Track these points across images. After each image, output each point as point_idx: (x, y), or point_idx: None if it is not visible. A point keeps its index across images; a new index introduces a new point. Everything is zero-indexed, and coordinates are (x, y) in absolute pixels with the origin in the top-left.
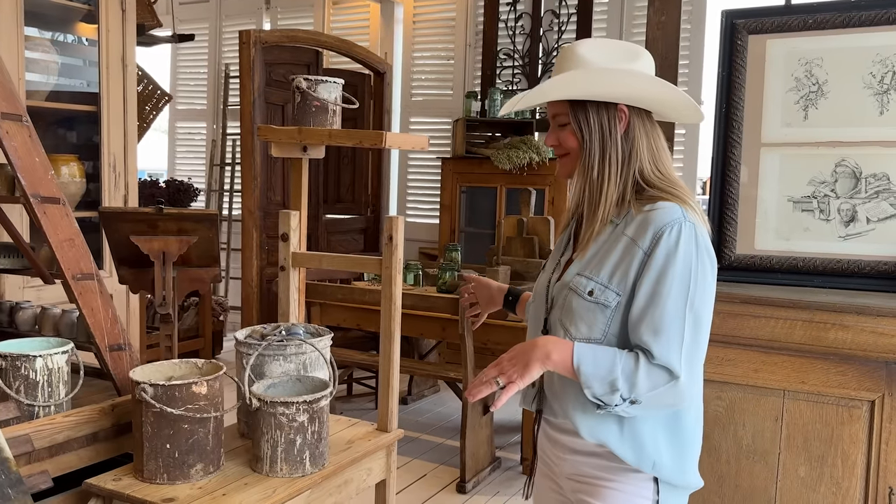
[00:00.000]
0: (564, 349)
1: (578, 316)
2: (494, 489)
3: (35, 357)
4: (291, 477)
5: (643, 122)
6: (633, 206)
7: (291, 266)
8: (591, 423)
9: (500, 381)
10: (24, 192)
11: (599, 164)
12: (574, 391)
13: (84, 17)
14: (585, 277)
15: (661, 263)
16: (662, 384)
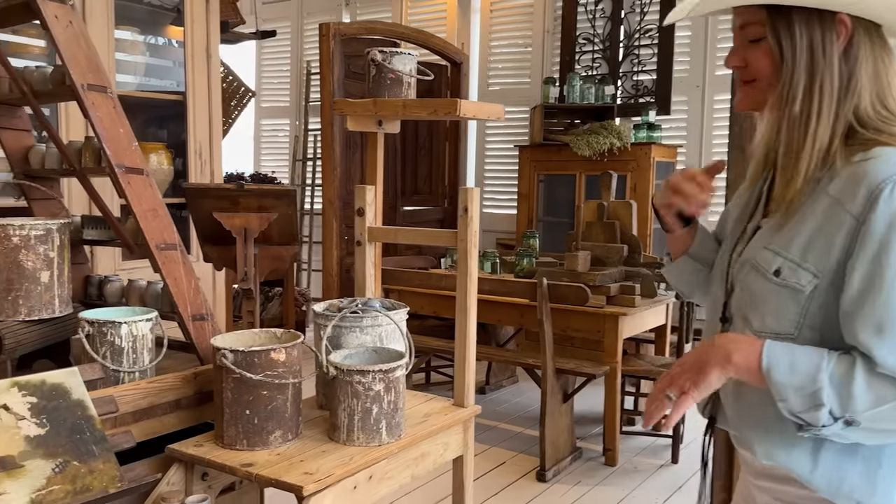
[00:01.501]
0: (750, 349)
1: (761, 303)
2: (575, 479)
3: (120, 324)
4: (368, 446)
5: (870, 40)
6: (840, 154)
7: (367, 241)
8: (770, 441)
9: (671, 394)
10: (109, 162)
11: (805, 94)
12: (751, 398)
13: (173, 21)
14: (772, 252)
15: (882, 234)
16: (890, 400)
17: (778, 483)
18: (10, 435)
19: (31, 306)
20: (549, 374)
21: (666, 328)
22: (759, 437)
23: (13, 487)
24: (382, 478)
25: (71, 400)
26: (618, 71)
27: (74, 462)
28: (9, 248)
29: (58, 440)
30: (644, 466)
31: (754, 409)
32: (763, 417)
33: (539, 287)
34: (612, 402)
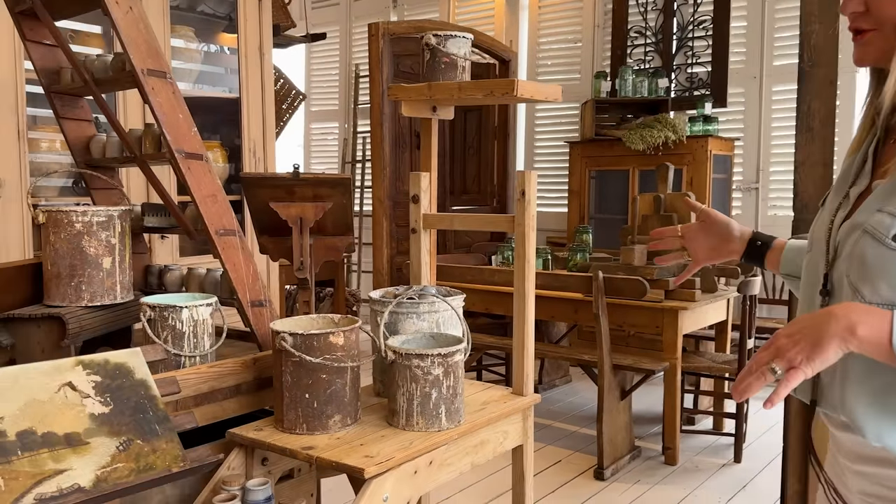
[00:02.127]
0: (879, 322)
1: (876, 271)
2: (634, 477)
3: (181, 308)
4: (428, 431)
5: None
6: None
7: (423, 228)
8: (881, 422)
9: (777, 368)
10: (169, 147)
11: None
12: (860, 376)
13: (225, 28)
14: (890, 214)
15: None
16: None
17: (882, 467)
18: (76, 412)
19: (94, 292)
20: (606, 370)
21: (727, 324)
22: (870, 418)
23: (79, 464)
24: (442, 464)
25: (134, 379)
26: (671, 64)
27: (138, 441)
28: (72, 234)
29: (121, 419)
30: (705, 466)
31: (864, 389)
32: (875, 397)
33: (595, 280)
34: (672, 399)
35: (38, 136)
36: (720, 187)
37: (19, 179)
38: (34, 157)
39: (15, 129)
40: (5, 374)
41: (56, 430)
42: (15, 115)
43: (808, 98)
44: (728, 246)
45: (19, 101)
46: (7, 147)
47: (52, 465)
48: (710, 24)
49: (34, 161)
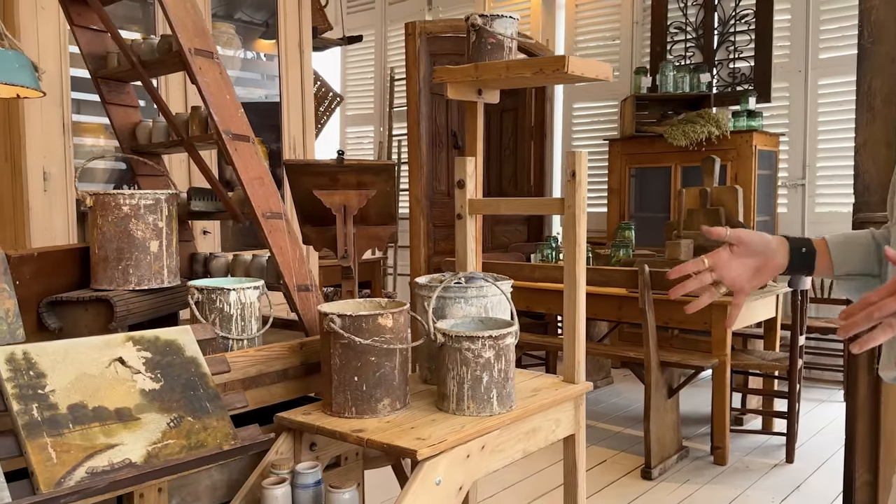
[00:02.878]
0: None
1: None
2: (683, 477)
3: (229, 290)
4: (479, 416)
5: None
6: None
7: (468, 214)
8: None
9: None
10: (217, 128)
11: None
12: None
13: (262, 35)
14: None
15: None
16: None
17: None
18: (126, 388)
19: (141, 276)
20: (654, 366)
21: (776, 321)
22: None
23: (130, 439)
24: (494, 450)
25: (184, 357)
26: (713, 59)
27: (189, 418)
28: (119, 217)
29: (172, 395)
30: (756, 466)
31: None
32: None
33: (640, 274)
34: (722, 396)
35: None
36: (765, 184)
37: (64, 172)
38: (79, 151)
39: (60, 122)
40: (56, 347)
41: (107, 405)
42: (60, 109)
43: (869, 76)
44: (772, 262)
45: (64, 96)
46: (52, 140)
47: (103, 439)
48: (752, 18)
49: (79, 154)
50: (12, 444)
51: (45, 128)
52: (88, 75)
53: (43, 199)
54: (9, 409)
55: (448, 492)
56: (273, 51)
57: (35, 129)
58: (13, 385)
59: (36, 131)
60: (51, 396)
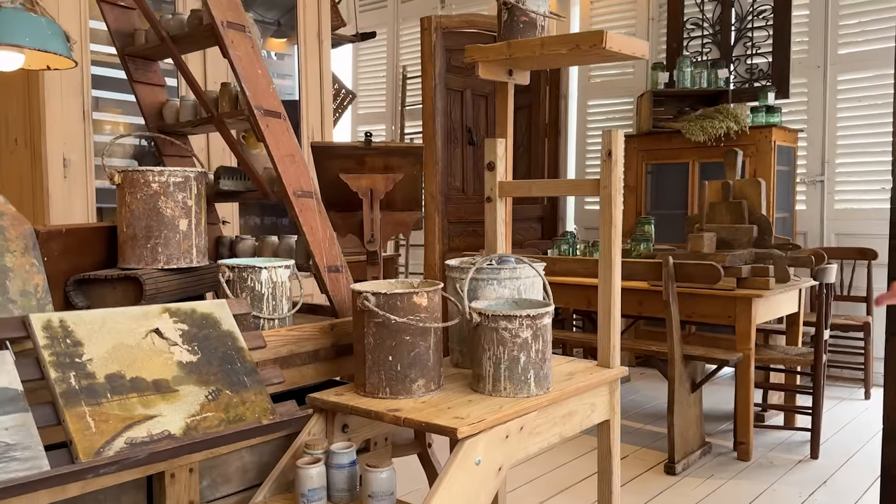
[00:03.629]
0: None
1: None
2: (707, 472)
3: (261, 269)
4: (516, 397)
5: None
6: None
7: (498, 196)
8: None
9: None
10: (248, 103)
11: None
12: None
13: (274, 34)
14: None
15: None
16: None
17: None
18: (163, 360)
19: (170, 254)
20: (677, 360)
21: (799, 316)
22: None
23: (168, 410)
24: (532, 432)
25: (221, 330)
26: (730, 55)
27: (227, 391)
28: (148, 194)
29: (209, 368)
30: (781, 462)
31: None
32: None
33: (665, 266)
34: (746, 391)
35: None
36: (784, 179)
37: (84, 159)
38: (98, 144)
39: (80, 110)
40: (92, 316)
41: (144, 376)
42: (80, 97)
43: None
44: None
45: (85, 84)
46: (73, 128)
47: (141, 410)
48: (770, 14)
49: (98, 145)
50: (50, 413)
51: (66, 114)
52: (106, 72)
53: (63, 186)
54: (46, 376)
55: (487, 472)
56: (285, 49)
57: (55, 115)
58: (50, 353)
59: (56, 117)
60: (88, 365)
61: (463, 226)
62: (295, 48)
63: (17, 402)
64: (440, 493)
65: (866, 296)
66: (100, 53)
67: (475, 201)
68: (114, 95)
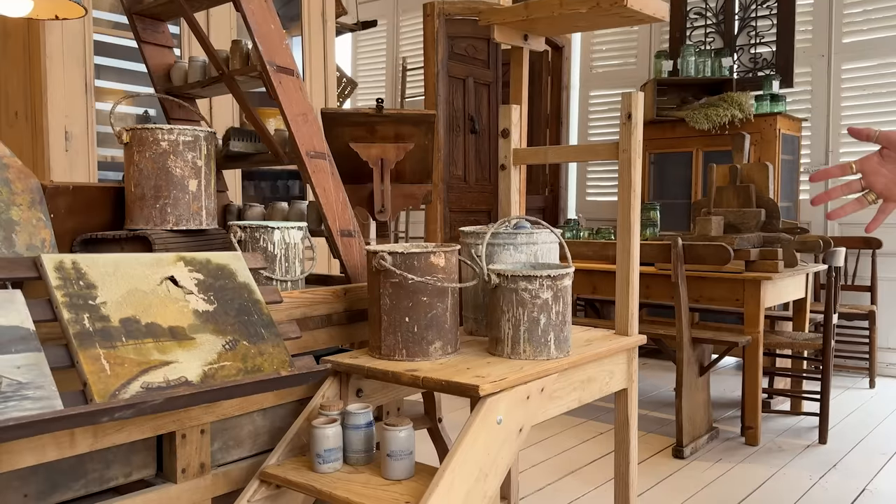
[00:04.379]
0: None
1: None
2: (715, 456)
3: (273, 229)
4: (536, 360)
5: None
6: None
7: (513, 164)
8: None
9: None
10: (261, 58)
11: None
12: None
13: None
14: None
15: None
16: None
17: None
18: (179, 307)
19: (179, 215)
20: (686, 343)
21: (806, 302)
22: None
23: (185, 357)
24: (552, 395)
25: (237, 282)
26: (734, 44)
27: (244, 342)
28: (157, 153)
29: (226, 319)
30: (789, 447)
31: None
32: None
33: (674, 248)
34: (754, 374)
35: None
36: (788, 169)
37: (86, 132)
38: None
39: (83, 81)
40: (106, 260)
41: (160, 322)
42: (83, 68)
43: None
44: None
45: (87, 54)
46: (75, 100)
47: (157, 355)
48: (773, 3)
49: (100, 118)
50: (63, 354)
51: (68, 87)
52: (109, 38)
53: (64, 159)
54: (59, 317)
55: (508, 431)
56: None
57: (57, 88)
58: (63, 293)
59: (58, 91)
60: (102, 308)
61: (465, 215)
62: (297, 39)
63: (28, 341)
64: (462, 449)
65: (871, 285)
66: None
67: (477, 191)
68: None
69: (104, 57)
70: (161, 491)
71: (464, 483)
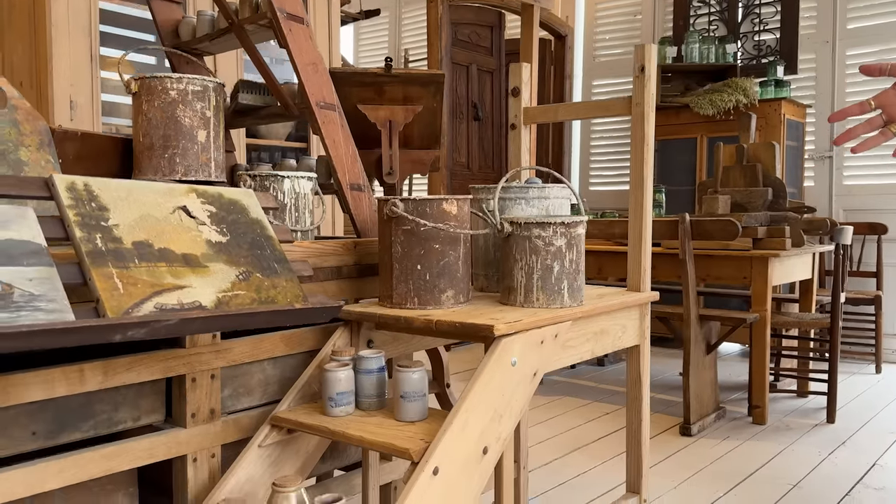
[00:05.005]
0: None
1: None
2: (723, 434)
3: (283, 178)
4: (549, 307)
5: None
6: None
7: (523, 123)
8: None
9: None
10: (271, 5)
11: None
12: None
13: None
14: None
15: None
16: None
17: None
18: (192, 236)
19: (188, 166)
20: (693, 320)
21: (812, 283)
22: None
23: (199, 283)
24: (565, 344)
25: (249, 217)
26: (737, 32)
27: (257, 274)
28: (166, 102)
29: (239, 251)
30: (797, 426)
31: None
32: None
33: (681, 223)
34: (762, 352)
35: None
36: (792, 155)
37: (91, 102)
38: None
39: (88, 51)
40: (118, 184)
41: (173, 249)
42: (88, 38)
43: None
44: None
45: (93, 23)
46: (80, 70)
47: (170, 279)
48: None
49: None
50: (76, 272)
51: (73, 57)
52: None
53: None
54: (71, 236)
55: (523, 374)
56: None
57: (62, 58)
58: (75, 213)
59: (63, 60)
60: (114, 230)
61: None
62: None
63: (41, 255)
64: (477, 388)
65: (876, 271)
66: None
67: (480, 178)
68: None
69: (109, 26)
70: (170, 434)
71: (478, 422)
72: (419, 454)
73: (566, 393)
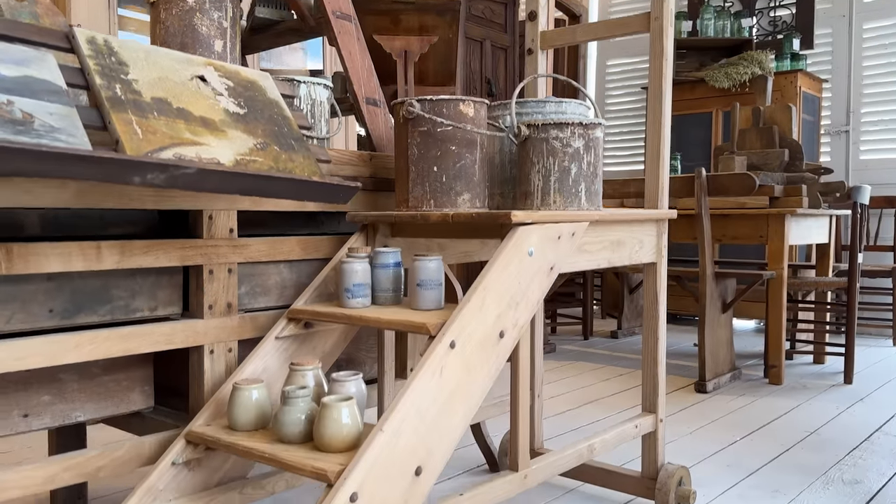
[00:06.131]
0: None
1: None
2: (738, 391)
3: (299, 83)
4: (566, 210)
5: None
6: None
7: (540, 48)
8: None
9: None
10: None
11: None
12: None
13: None
14: None
15: None
16: None
17: None
18: (209, 103)
19: None
20: (708, 276)
21: (829, 248)
22: None
23: (217, 144)
24: (581, 247)
25: (266, 97)
26: (753, 7)
27: (275, 146)
28: (183, 10)
29: (257, 124)
30: (813, 386)
31: None
32: None
33: (697, 178)
34: (778, 311)
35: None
36: (808, 129)
37: None
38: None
39: (106, 16)
40: (137, 45)
41: (191, 110)
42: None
43: None
44: None
45: None
46: (97, 7)
47: (189, 135)
48: None
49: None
50: (95, 115)
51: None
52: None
53: None
54: (91, 84)
55: (539, 266)
56: None
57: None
58: (95, 63)
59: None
60: (134, 84)
61: None
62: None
63: (60, 94)
64: (493, 273)
65: (893, 244)
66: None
67: None
68: None
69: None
70: (188, 323)
71: (495, 305)
72: (436, 328)
73: (579, 359)
